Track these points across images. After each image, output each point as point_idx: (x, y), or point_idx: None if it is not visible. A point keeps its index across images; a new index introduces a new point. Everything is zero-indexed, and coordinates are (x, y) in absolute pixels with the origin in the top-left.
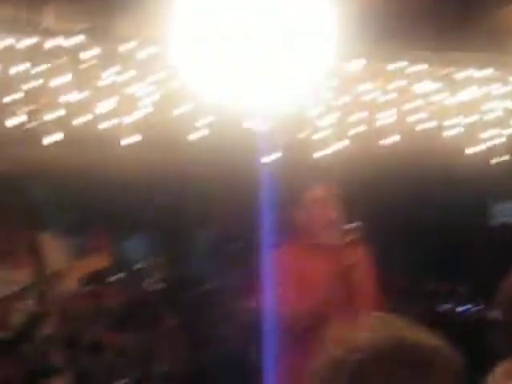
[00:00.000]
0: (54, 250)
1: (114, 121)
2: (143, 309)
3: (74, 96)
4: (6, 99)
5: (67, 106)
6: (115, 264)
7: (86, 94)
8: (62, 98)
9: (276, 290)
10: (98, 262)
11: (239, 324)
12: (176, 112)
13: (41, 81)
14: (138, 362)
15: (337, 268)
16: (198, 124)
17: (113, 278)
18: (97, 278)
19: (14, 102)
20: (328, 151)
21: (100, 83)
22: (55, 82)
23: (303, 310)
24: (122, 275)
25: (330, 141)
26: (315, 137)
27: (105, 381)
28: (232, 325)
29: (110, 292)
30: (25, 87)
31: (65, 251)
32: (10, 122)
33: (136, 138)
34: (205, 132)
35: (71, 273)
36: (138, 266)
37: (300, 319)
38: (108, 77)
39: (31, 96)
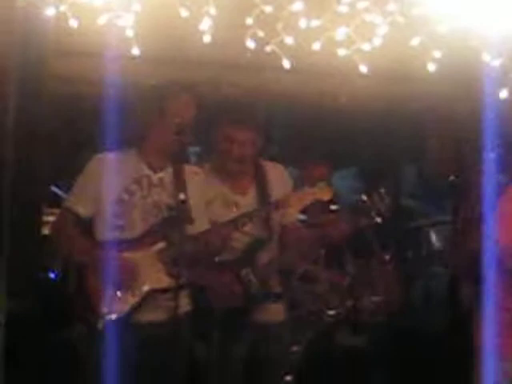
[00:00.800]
0: (279, 177)
1: (350, 48)
2: (360, 241)
3: (311, 21)
4: (245, 21)
5: (304, 31)
6: (335, 195)
7: (322, 20)
8: (300, 23)
9: (499, 228)
10: (320, 192)
11: (449, 261)
12: (411, 43)
13: (277, 5)
14: (350, 293)
15: None
16: (431, 56)
17: (334, 209)
18: (319, 208)
19: (252, 26)
20: None
21: (337, 9)
22: (292, 7)
23: None
24: (343, 206)
25: None
26: None
27: (317, 310)
28: (442, 262)
29: (331, 223)
30: (262, 11)
31: (288, 180)
32: (248, 45)
33: (367, 67)
34: (435, 65)
35: (294, 202)
36: (361, 197)
37: None
38: (345, 3)
39: (268, 20)
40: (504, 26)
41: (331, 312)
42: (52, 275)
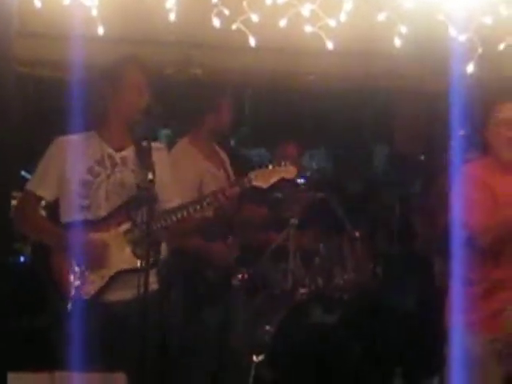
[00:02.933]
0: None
1: (316, 25)
2: (331, 219)
3: None
4: None
5: (270, 7)
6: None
7: None
8: (265, 0)
9: (464, 205)
10: (285, 171)
11: (421, 239)
12: (377, 18)
13: None
14: (321, 271)
15: None
16: (397, 32)
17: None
18: (283, 186)
19: (217, 4)
20: None
21: None
22: None
23: (491, 225)
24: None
25: None
26: None
27: (289, 288)
28: (411, 239)
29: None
30: None
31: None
32: (214, 23)
33: (334, 44)
34: (401, 41)
35: (260, 180)
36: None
37: (487, 234)
38: None
39: None
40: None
41: (303, 290)
42: (22, 259)
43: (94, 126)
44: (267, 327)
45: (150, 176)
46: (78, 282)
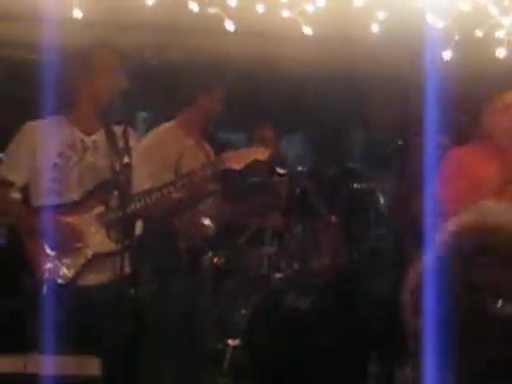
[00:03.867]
0: None
1: (294, 10)
2: (306, 204)
3: None
4: None
5: None
6: (276, 158)
7: None
8: None
9: (442, 188)
10: (256, 152)
11: (393, 224)
12: (355, 4)
13: None
14: (297, 256)
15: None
16: (373, 19)
17: (281, 173)
18: (258, 168)
19: None
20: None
21: None
22: None
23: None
24: (283, 171)
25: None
26: (496, 35)
27: (264, 272)
28: (387, 225)
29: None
30: None
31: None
32: (191, 7)
33: (311, 30)
34: (379, 27)
35: (232, 161)
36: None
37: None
38: None
39: None
40: None
41: (279, 275)
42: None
43: (65, 111)
44: (242, 311)
45: (126, 159)
46: (52, 266)
